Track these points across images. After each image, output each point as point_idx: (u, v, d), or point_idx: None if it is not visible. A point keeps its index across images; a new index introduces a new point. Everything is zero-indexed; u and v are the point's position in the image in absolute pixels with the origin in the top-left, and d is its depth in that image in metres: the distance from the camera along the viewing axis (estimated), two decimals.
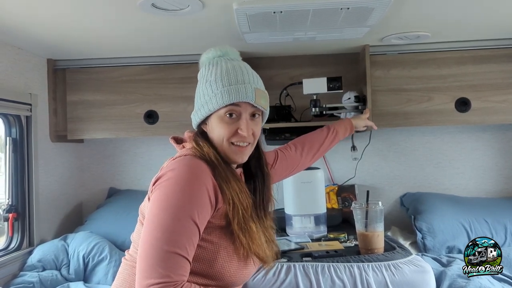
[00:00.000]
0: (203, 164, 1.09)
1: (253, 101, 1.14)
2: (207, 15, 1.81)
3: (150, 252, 0.96)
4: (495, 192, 2.70)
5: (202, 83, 1.18)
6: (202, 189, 1.04)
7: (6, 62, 2.17)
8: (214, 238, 1.08)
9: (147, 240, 0.98)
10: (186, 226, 0.99)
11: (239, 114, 1.15)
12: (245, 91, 1.13)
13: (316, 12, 1.74)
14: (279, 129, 2.44)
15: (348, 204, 2.55)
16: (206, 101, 1.15)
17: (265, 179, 1.28)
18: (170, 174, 1.05)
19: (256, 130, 1.18)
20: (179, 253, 0.96)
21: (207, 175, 1.07)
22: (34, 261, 2.19)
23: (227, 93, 1.12)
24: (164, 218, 0.99)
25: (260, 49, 2.43)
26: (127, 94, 2.57)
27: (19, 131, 2.28)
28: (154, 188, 1.07)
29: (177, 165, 1.08)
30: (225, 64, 1.17)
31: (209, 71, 1.18)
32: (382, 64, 2.46)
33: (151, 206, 1.03)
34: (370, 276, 1.49)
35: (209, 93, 1.14)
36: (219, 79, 1.14)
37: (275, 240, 1.26)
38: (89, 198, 2.86)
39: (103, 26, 1.97)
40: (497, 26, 2.16)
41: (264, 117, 1.25)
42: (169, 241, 0.96)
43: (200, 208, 1.02)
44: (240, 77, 1.14)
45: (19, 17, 1.82)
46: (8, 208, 2.23)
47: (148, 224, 1.00)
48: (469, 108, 2.41)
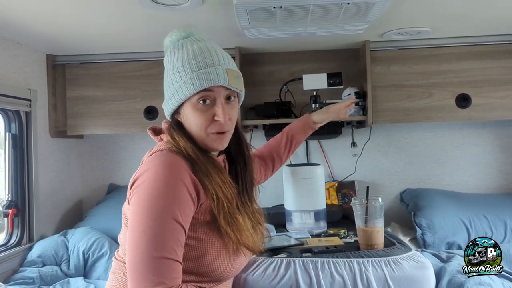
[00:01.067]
0: (180, 160, 1.04)
1: (226, 84, 1.07)
2: (207, 10, 1.80)
3: (138, 261, 0.93)
4: (495, 188, 2.70)
5: (169, 70, 1.12)
6: (181, 187, 0.99)
7: (6, 58, 2.16)
8: (200, 235, 1.04)
9: (134, 249, 0.94)
10: (170, 228, 0.95)
11: (213, 99, 1.08)
12: (216, 74, 1.06)
13: (316, 7, 1.73)
14: (279, 125, 2.43)
15: (348, 200, 2.55)
16: (176, 89, 1.09)
17: (246, 163, 1.24)
18: (145, 176, 1.00)
19: (233, 115, 1.13)
20: (169, 257, 0.93)
21: (185, 171, 1.02)
22: (34, 257, 2.19)
23: (197, 79, 1.05)
24: (147, 225, 0.95)
25: (260, 45, 2.43)
26: (127, 89, 2.56)
27: (19, 127, 2.28)
28: (132, 192, 1.02)
29: (152, 164, 1.03)
30: (191, 47, 1.10)
31: (175, 56, 1.11)
32: (382, 59, 2.45)
33: (132, 214, 0.99)
34: (370, 271, 1.49)
35: (178, 80, 1.08)
36: (186, 64, 1.07)
37: (262, 223, 1.23)
38: (89, 194, 2.87)
39: (103, 21, 1.96)
40: (497, 22, 2.16)
41: (240, 98, 1.18)
42: (156, 247, 0.93)
43: (182, 207, 0.98)
44: (209, 59, 1.07)
45: (19, 12, 1.81)
46: (8, 204, 2.23)
47: (132, 233, 0.96)
48: (470, 104, 2.41)
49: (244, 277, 1.49)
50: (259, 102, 2.53)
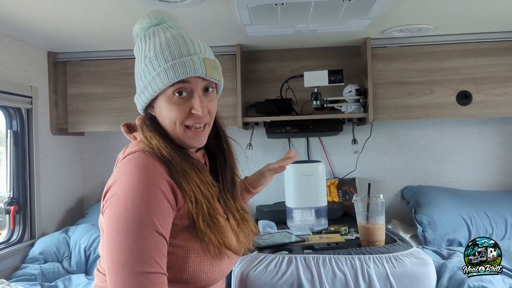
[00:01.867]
0: (154, 162, 0.95)
1: (204, 74, 0.97)
2: (208, 7, 1.80)
3: (119, 279, 0.84)
4: (496, 185, 2.70)
5: (141, 60, 1.02)
6: (157, 194, 0.90)
7: (7, 55, 2.16)
8: (180, 242, 0.96)
9: (114, 267, 0.85)
10: (150, 240, 0.87)
11: (190, 91, 0.99)
12: (192, 63, 0.96)
13: (318, 4, 1.73)
14: (280, 122, 2.44)
15: (348, 197, 2.55)
16: (148, 81, 0.99)
17: (226, 158, 1.14)
18: (117, 187, 0.91)
19: (211, 107, 1.03)
20: (152, 271, 0.85)
21: (160, 175, 0.93)
22: (35, 254, 2.20)
23: (171, 69, 0.95)
24: (125, 240, 0.85)
25: (261, 42, 2.43)
26: (128, 86, 2.56)
27: (20, 124, 2.28)
28: (105, 204, 0.93)
29: (124, 170, 0.94)
30: (163, 34, 1.00)
31: (146, 45, 1.01)
32: (383, 57, 2.45)
33: (107, 229, 0.89)
34: (371, 268, 1.49)
35: (151, 71, 0.98)
36: (159, 54, 0.97)
37: (249, 219, 1.15)
38: (90, 191, 2.87)
39: (104, 18, 1.96)
40: (499, 19, 2.15)
41: (219, 90, 1.09)
42: (137, 262, 0.84)
43: (161, 216, 0.89)
44: (184, 48, 0.98)
45: (20, 10, 1.81)
46: (9, 201, 2.23)
47: (110, 250, 0.87)
48: (471, 101, 2.41)
49: (246, 273, 1.50)
50: (260, 99, 2.53)
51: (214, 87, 1.05)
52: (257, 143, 2.70)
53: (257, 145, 2.70)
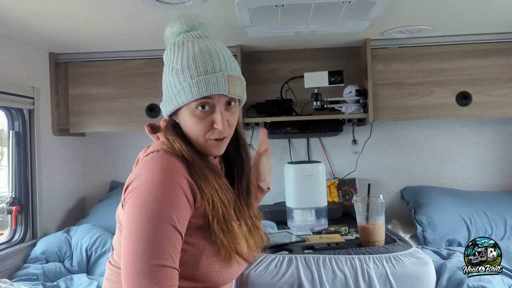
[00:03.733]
0: (176, 161, 0.98)
1: (227, 92, 1.00)
2: (209, 8, 1.81)
3: (134, 269, 0.88)
4: (495, 185, 2.71)
5: (168, 71, 1.06)
6: (178, 191, 0.94)
7: (9, 56, 2.17)
8: (195, 240, 0.99)
9: (129, 257, 0.89)
10: (167, 234, 0.90)
11: (213, 106, 1.02)
12: (216, 82, 0.99)
13: (318, 5, 1.74)
14: (280, 123, 2.45)
15: (348, 197, 2.56)
16: (173, 93, 1.03)
17: (244, 165, 1.17)
18: (140, 180, 0.95)
19: (232, 120, 1.06)
20: (166, 265, 0.89)
21: (181, 174, 0.97)
22: (37, 253, 2.21)
23: (196, 86, 0.99)
24: (143, 231, 0.89)
25: (261, 43, 2.44)
26: (129, 87, 2.57)
27: (22, 125, 2.29)
28: (127, 197, 0.97)
29: (147, 166, 0.98)
30: (191, 46, 1.03)
31: (174, 55, 1.05)
32: (383, 57, 2.46)
33: (127, 220, 0.94)
34: (371, 268, 1.50)
35: (177, 84, 1.02)
36: (186, 69, 1.01)
37: (260, 227, 1.18)
38: (91, 191, 2.88)
39: (105, 19, 1.97)
40: (498, 20, 2.16)
41: (242, 102, 1.12)
42: (152, 254, 0.88)
43: (179, 212, 0.93)
44: (210, 64, 1.00)
45: (22, 11, 1.82)
46: (11, 201, 2.24)
47: (127, 239, 0.91)
48: (470, 102, 2.41)
49: (246, 273, 1.51)
50: (260, 99, 2.54)
51: (237, 101, 1.08)
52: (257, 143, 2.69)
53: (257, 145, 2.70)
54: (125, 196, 0.99)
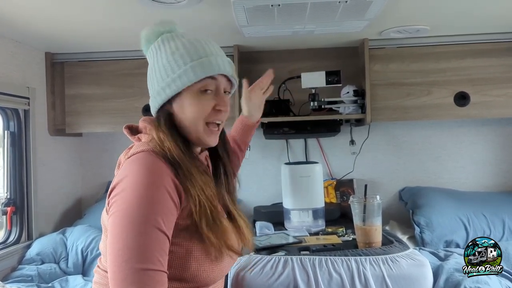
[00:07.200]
0: (160, 163, 0.97)
1: (230, 73, 1.05)
2: (205, 8, 1.80)
3: (121, 274, 0.86)
4: (494, 186, 2.70)
5: (162, 58, 1.06)
6: (163, 193, 0.93)
7: (4, 56, 2.16)
8: (182, 241, 0.98)
9: (116, 262, 0.88)
10: (153, 238, 0.89)
11: (216, 88, 1.05)
12: (218, 62, 1.02)
13: (314, 5, 1.73)
14: (277, 123, 2.44)
15: (346, 198, 2.55)
16: (173, 79, 1.03)
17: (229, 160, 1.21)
18: (124, 183, 0.93)
19: (228, 109, 1.09)
20: (154, 268, 0.88)
21: (166, 175, 0.96)
22: (32, 255, 2.20)
23: (199, 66, 1.00)
24: (129, 237, 0.88)
25: (258, 43, 2.43)
26: (126, 87, 2.56)
27: (17, 125, 2.28)
28: (111, 201, 0.95)
29: (130, 168, 0.96)
30: (182, 38, 1.06)
31: (168, 45, 1.06)
32: (381, 58, 2.45)
33: (112, 225, 0.92)
34: (368, 269, 1.49)
35: (178, 68, 1.02)
36: (185, 53, 1.03)
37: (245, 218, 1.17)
38: (88, 192, 2.87)
39: (102, 19, 1.96)
40: (496, 20, 2.15)
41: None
42: (140, 259, 0.87)
43: (165, 215, 0.92)
44: (208, 49, 1.04)
45: (18, 11, 1.81)
46: (6, 202, 2.23)
47: (113, 245, 0.89)
48: (468, 102, 2.40)
49: (242, 274, 1.50)
50: None
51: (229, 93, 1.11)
52: (254, 144, 2.70)
53: (254, 146, 2.69)
54: (109, 200, 0.96)
